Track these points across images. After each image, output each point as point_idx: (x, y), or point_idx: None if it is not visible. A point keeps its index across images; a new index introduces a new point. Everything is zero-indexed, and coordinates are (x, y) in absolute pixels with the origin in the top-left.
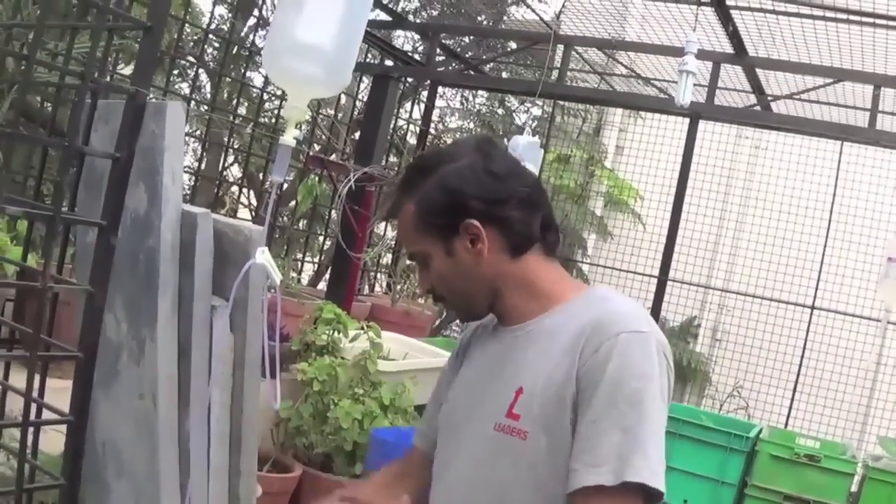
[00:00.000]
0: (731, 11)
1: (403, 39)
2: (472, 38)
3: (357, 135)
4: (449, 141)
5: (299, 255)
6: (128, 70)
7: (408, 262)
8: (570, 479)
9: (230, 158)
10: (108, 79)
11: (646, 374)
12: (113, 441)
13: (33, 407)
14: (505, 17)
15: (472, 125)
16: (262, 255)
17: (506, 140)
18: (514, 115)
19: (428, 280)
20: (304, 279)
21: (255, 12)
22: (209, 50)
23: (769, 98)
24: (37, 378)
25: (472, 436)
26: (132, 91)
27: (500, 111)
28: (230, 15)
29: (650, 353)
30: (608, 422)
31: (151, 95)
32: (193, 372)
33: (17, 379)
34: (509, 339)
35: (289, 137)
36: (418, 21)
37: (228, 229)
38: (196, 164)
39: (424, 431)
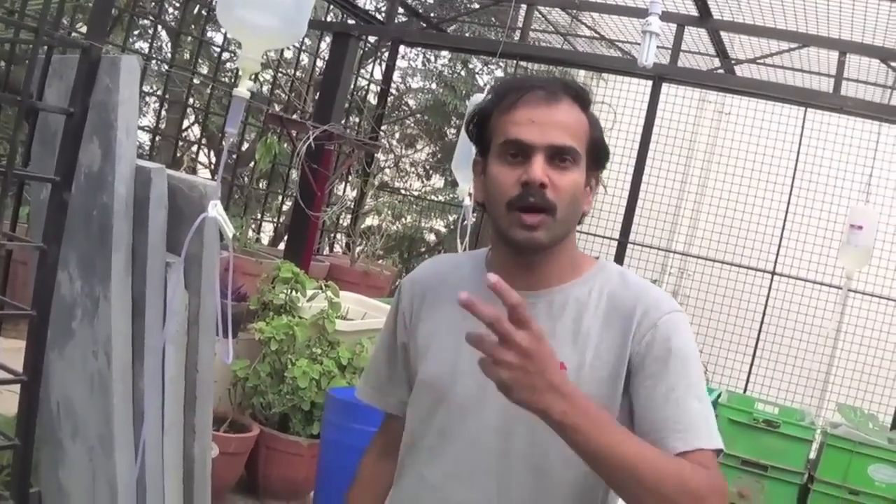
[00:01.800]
0: None
1: None
2: None
3: (318, 95)
4: (411, 102)
5: (259, 215)
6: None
7: (541, 150)
8: (659, 446)
9: (191, 118)
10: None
11: (695, 347)
12: (68, 400)
13: None
14: None
15: (433, 86)
16: (215, 209)
17: (466, 102)
18: (476, 76)
19: (548, 175)
20: (265, 239)
21: None
22: (169, 9)
23: (733, 62)
24: None
25: (496, 407)
26: (86, 45)
27: (462, 72)
28: None
29: (689, 329)
30: (683, 391)
31: (108, 52)
32: (147, 329)
33: None
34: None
35: (242, 89)
36: None
37: (183, 185)
38: (155, 124)
39: (392, 403)
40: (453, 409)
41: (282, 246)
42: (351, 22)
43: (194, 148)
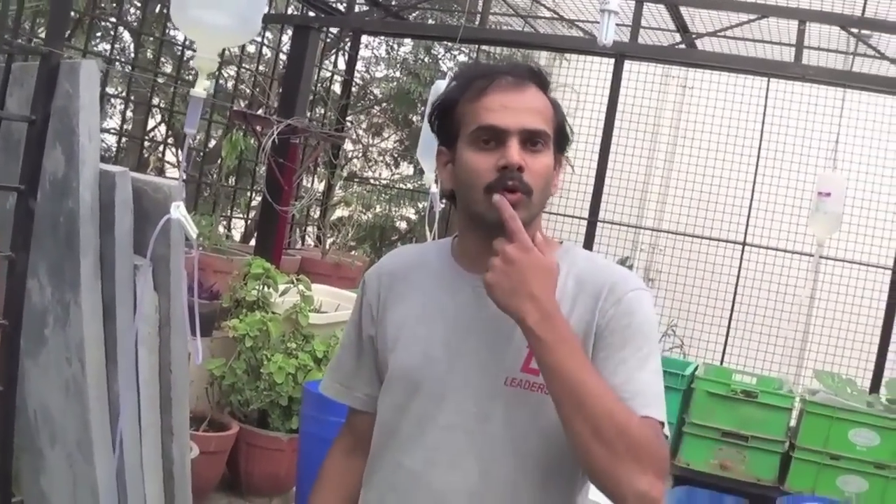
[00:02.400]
0: None
1: None
2: None
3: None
4: (376, 91)
5: (228, 212)
6: None
7: (515, 134)
8: None
9: (157, 118)
10: (24, 41)
11: (655, 326)
12: (45, 408)
13: None
14: None
15: (398, 74)
16: (178, 210)
17: (433, 88)
18: (439, 62)
19: (522, 158)
20: (236, 235)
21: None
22: (131, 10)
23: (693, 36)
24: None
25: (471, 392)
26: (45, 52)
27: (425, 59)
28: None
29: (652, 307)
30: (636, 363)
31: (69, 56)
32: (119, 333)
33: None
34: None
35: (199, 89)
36: None
37: (148, 187)
38: (121, 125)
39: (359, 397)
40: (429, 396)
41: (253, 242)
42: (311, 14)
43: (161, 148)
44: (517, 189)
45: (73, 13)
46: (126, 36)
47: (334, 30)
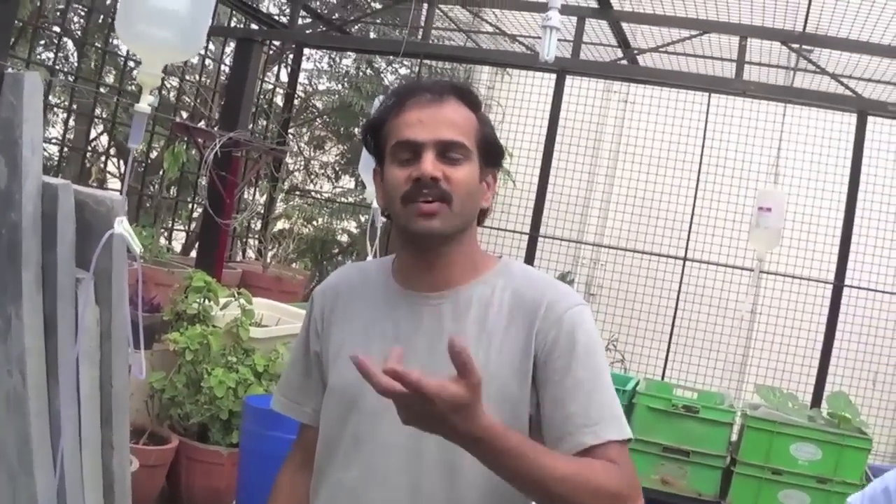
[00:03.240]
0: None
1: (269, 2)
2: None
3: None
4: (319, 104)
5: (170, 223)
6: None
7: (430, 146)
8: (569, 440)
9: (100, 128)
10: None
11: (600, 340)
12: None
13: None
14: None
15: (340, 87)
16: (121, 225)
17: (375, 101)
18: (381, 75)
19: (440, 169)
20: (177, 247)
21: None
22: (74, 18)
23: (635, 52)
24: None
25: None
26: None
27: (368, 72)
28: None
29: (593, 322)
30: (590, 384)
31: (12, 67)
32: (60, 346)
33: None
34: (429, 307)
35: (143, 104)
36: None
37: (90, 200)
38: (63, 136)
39: (308, 413)
40: (365, 413)
41: (194, 254)
42: (254, 27)
43: (103, 158)
44: (432, 198)
45: (16, 21)
46: (70, 45)
47: (277, 43)
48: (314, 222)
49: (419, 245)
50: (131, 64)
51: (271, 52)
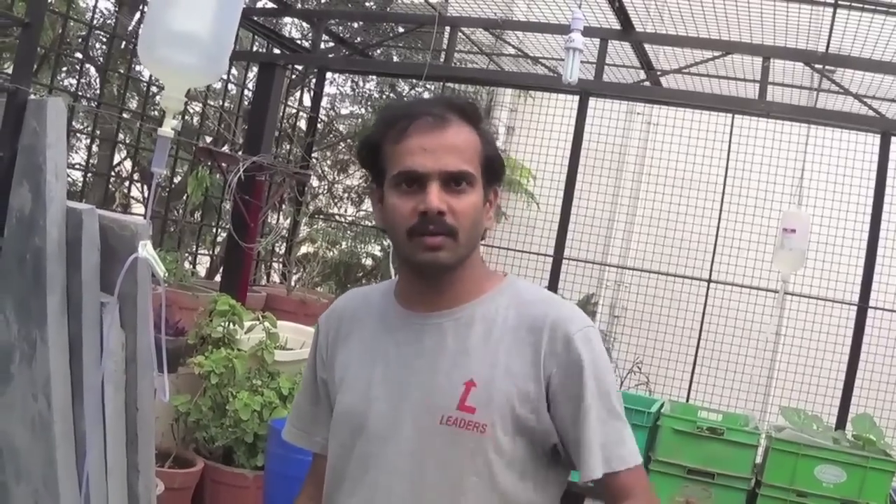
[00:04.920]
0: None
1: (292, 26)
2: (359, 23)
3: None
4: (342, 128)
5: (194, 248)
6: None
7: (435, 177)
8: (592, 467)
9: (123, 153)
10: None
11: (608, 362)
12: (10, 445)
13: None
14: (392, 1)
15: (363, 111)
16: (145, 249)
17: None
18: (405, 98)
19: (445, 201)
20: (201, 271)
21: (141, 6)
22: (97, 46)
23: (658, 73)
24: None
25: (410, 432)
26: (12, 89)
27: (391, 95)
28: (115, 9)
29: (601, 342)
30: (604, 411)
31: (35, 93)
32: (85, 370)
33: None
34: (431, 327)
35: (167, 128)
36: (305, 7)
37: (114, 224)
38: (87, 161)
39: (319, 442)
40: (371, 437)
41: (218, 278)
42: (277, 51)
43: (127, 183)
44: (439, 233)
45: (39, 48)
46: (92, 71)
47: (300, 67)
48: (338, 246)
49: (424, 274)
50: (154, 89)
51: (294, 76)
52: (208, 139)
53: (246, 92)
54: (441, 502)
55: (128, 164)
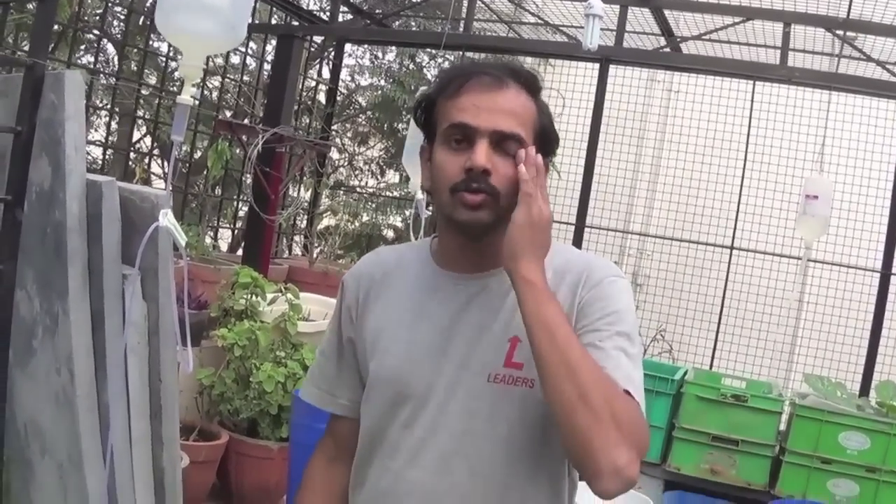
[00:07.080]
0: None
1: None
2: None
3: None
4: (361, 100)
5: (215, 222)
6: None
7: (485, 135)
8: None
9: (143, 129)
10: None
11: (633, 311)
12: (34, 419)
13: None
14: None
15: (382, 82)
16: (166, 218)
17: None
18: (424, 69)
19: (493, 161)
20: (223, 245)
21: None
22: (114, 21)
23: (679, 40)
24: None
25: (457, 391)
26: (29, 63)
27: (410, 66)
28: None
29: (631, 293)
30: (614, 343)
31: (53, 69)
32: (108, 343)
33: None
34: (474, 286)
35: (186, 96)
36: None
37: (135, 196)
38: (106, 137)
39: (343, 404)
40: (414, 399)
41: (240, 252)
42: (295, 23)
43: (147, 159)
44: (481, 191)
45: (56, 25)
46: (110, 48)
47: (318, 39)
48: (360, 218)
49: (464, 233)
50: (173, 64)
51: (312, 48)
52: (228, 113)
53: (265, 66)
54: (494, 459)
55: (147, 139)
